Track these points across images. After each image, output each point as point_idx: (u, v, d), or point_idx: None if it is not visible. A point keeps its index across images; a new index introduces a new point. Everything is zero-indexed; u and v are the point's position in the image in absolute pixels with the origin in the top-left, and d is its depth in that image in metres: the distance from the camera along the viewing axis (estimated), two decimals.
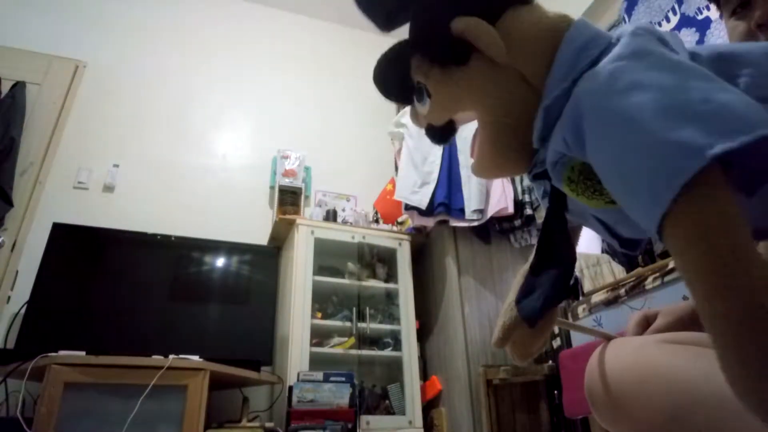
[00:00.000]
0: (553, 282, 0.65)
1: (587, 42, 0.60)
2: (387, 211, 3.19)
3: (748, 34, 0.83)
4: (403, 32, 0.75)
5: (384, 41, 0.78)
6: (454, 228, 2.77)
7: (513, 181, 2.67)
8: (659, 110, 0.46)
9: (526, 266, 0.86)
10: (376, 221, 3.21)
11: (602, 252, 2.07)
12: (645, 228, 0.48)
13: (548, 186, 0.69)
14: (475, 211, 2.62)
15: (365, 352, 2.63)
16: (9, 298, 2.44)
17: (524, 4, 0.66)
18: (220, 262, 2.71)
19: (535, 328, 0.80)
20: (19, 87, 2.80)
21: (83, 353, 1.85)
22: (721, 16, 0.93)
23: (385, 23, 0.73)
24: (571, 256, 0.68)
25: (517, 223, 2.68)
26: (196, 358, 2.00)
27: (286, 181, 3.23)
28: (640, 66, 0.51)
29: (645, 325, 0.90)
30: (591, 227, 0.73)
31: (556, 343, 2.20)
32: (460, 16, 0.65)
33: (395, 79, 0.75)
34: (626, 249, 0.71)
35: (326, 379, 2.21)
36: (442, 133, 0.75)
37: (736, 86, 0.53)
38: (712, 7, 1.95)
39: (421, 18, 0.70)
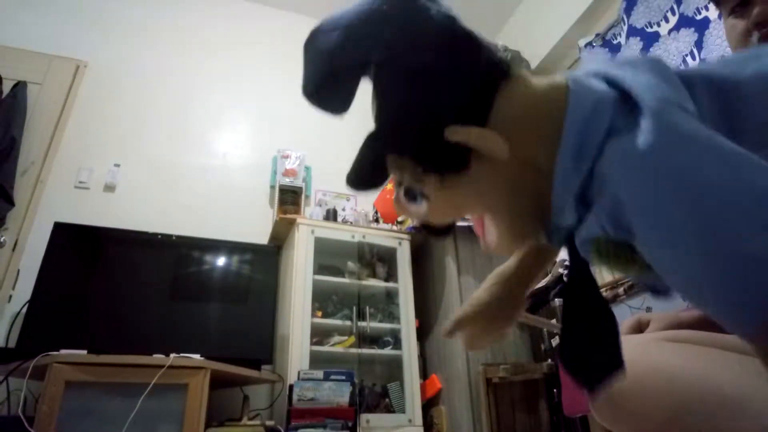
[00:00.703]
0: (606, 345, 0.60)
1: (593, 110, 0.55)
2: (387, 210, 3.20)
3: (746, 33, 0.82)
4: None
5: None
6: (454, 227, 2.77)
7: None
8: (738, 214, 0.43)
9: (501, 268, 0.87)
10: (376, 220, 3.21)
11: None
12: (729, 329, 0.46)
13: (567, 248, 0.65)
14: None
15: (365, 350, 2.63)
16: (10, 297, 2.45)
17: (508, 79, 0.59)
18: (221, 261, 2.71)
19: (492, 329, 0.85)
20: (20, 87, 2.81)
21: (84, 352, 1.86)
22: (720, 16, 0.93)
23: (340, 110, 0.65)
24: (610, 319, 0.61)
25: None
26: (196, 357, 2.01)
27: (287, 181, 3.24)
28: (686, 157, 0.47)
29: (638, 330, 0.91)
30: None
31: (556, 341, 2.20)
32: (451, 122, 0.57)
33: (375, 178, 0.68)
34: (660, 295, 0.68)
35: (326, 378, 2.21)
36: (441, 230, 0.70)
37: (747, 129, 0.52)
38: (711, 7, 1.96)
39: (404, 119, 0.61)
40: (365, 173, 0.66)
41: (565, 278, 2.05)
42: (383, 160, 0.63)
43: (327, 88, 0.62)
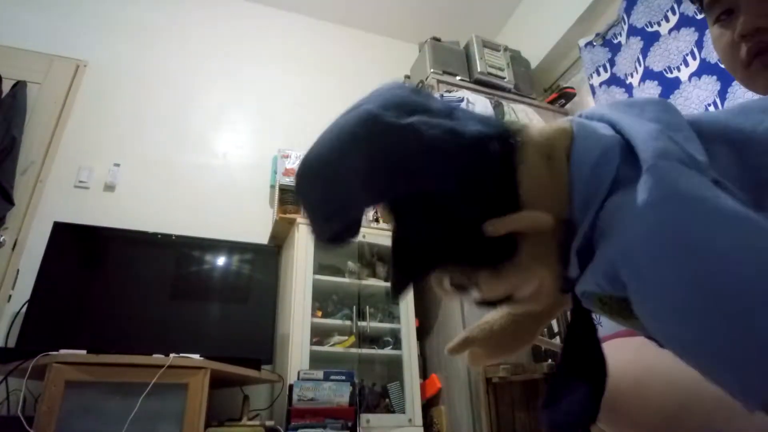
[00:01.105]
0: (585, 400, 0.58)
1: (597, 163, 0.54)
2: None
3: (731, 45, 0.79)
4: None
5: (383, 41, 0.75)
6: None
7: None
8: (746, 287, 0.41)
9: (493, 314, 0.86)
10: (376, 220, 3.21)
11: None
12: (737, 400, 0.44)
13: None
14: None
15: (365, 350, 2.63)
16: (10, 296, 2.45)
17: (520, 149, 0.56)
18: (221, 260, 2.71)
19: (496, 354, 0.85)
20: (20, 86, 2.81)
21: (84, 352, 1.85)
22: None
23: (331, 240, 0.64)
24: (603, 369, 0.60)
25: None
26: (196, 356, 2.01)
27: (287, 180, 3.23)
28: (689, 219, 0.45)
29: None
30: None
31: (556, 341, 2.20)
32: (486, 214, 0.54)
33: (417, 283, 0.66)
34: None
35: (326, 378, 2.21)
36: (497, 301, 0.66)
37: (755, 174, 0.50)
38: None
39: (439, 237, 0.57)
40: (408, 284, 0.64)
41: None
42: (425, 271, 0.61)
43: (338, 234, 0.62)
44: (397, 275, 0.61)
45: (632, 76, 2.38)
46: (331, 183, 0.57)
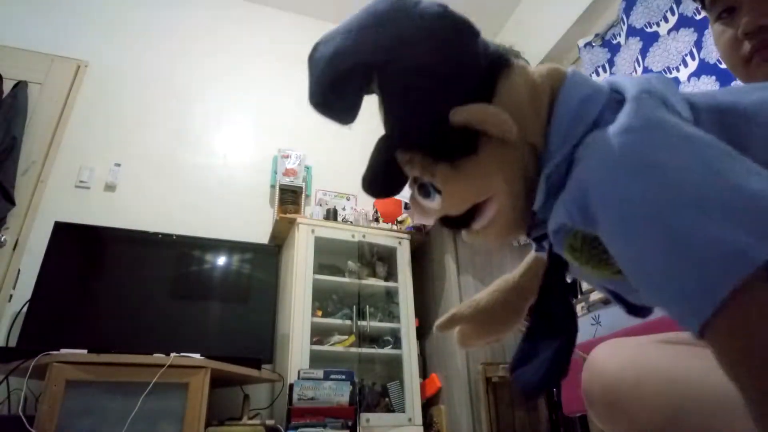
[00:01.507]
0: (553, 356, 0.60)
1: (583, 100, 0.57)
2: (387, 210, 3.20)
3: (734, 41, 0.80)
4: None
5: None
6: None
7: None
8: (686, 202, 0.43)
9: (506, 277, 0.89)
10: (376, 220, 3.22)
11: None
12: (680, 325, 0.45)
13: (546, 246, 0.65)
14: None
15: (365, 350, 2.64)
16: (11, 296, 2.45)
17: (508, 67, 0.60)
18: (221, 260, 2.72)
19: (485, 332, 0.89)
20: (20, 86, 2.81)
21: (85, 351, 1.86)
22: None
23: (348, 119, 0.67)
24: (573, 326, 0.62)
25: None
26: (197, 356, 2.01)
27: (287, 180, 3.24)
28: (654, 142, 0.48)
29: None
30: (596, 288, 0.68)
31: None
32: (455, 104, 0.57)
33: (391, 180, 0.65)
34: (636, 314, 0.67)
35: (326, 377, 2.22)
36: (462, 219, 0.66)
37: (750, 146, 0.51)
38: None
39: (410, 114, 0.61)
40: (380, 176, 0.65)
41: None
42: (396, 162, 0.63)
43: (333, 95, 0.63)
44: (373, 160, 0.63)
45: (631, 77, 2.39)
46: (345, 38, 0.61)
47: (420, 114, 0.60)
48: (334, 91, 0.62)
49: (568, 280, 0.67)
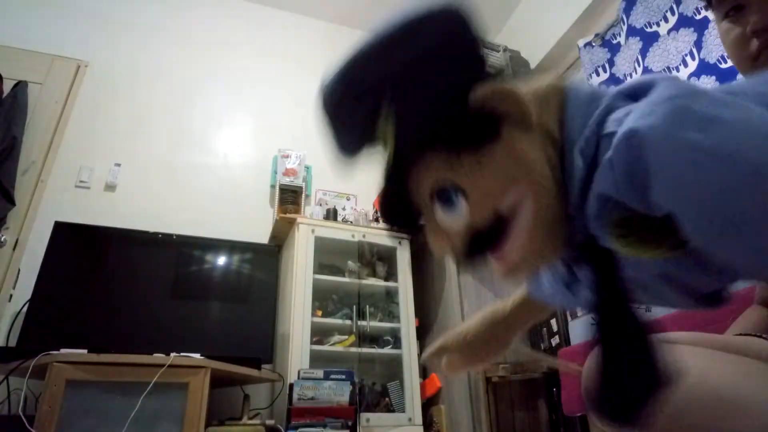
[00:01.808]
0: (637, 373, 0.52)
1: (592, 93, 0.56)
2: None
3: (742, 39, 0.81)
4: None
5: None
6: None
7: None
8: (759, 141, 0.42)
9: (495, 308, 0.87)
10: (376, 220, 3.22)
11: None
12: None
13: (587, 270, 0.59)
14: None
15: (365, 349, 2.64)
16: (11, 296, 2.45)
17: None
18: (221, 260, 2.72)
19: (471, 363, 0.89)
20: (20, 86, 2.81)
21: (85, 351, 1.86)
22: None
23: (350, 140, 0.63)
24: (646, 333, 0.53)
25: None
26: (197, 356, 2.01)
27: (287, 180, 3.24)
28: (703, 103, 0.45)
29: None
30: (654, 298, 0.61)
31: (555, 341, 2.21)
32: (470, 86, 0.55)
33: (403, 205, 0.62)
34: (705, 305, 0.61)
35: (326, 377, 2.22)
36: (491, 236, 0.58)
37: None
38: None
39: (427, 104, 0.57)
40: (395, 201, 0.62)
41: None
42: (407, 188, 0.60)
43: (345, 108, 0.62)
44: (386, 185, 0.60)
45: (631, 77, 2.38)
46: (356, 59, 0.61)
47: (438, 100, 0.56)
48: (345, 103, 0.61)
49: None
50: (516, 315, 0.86)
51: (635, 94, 0.53)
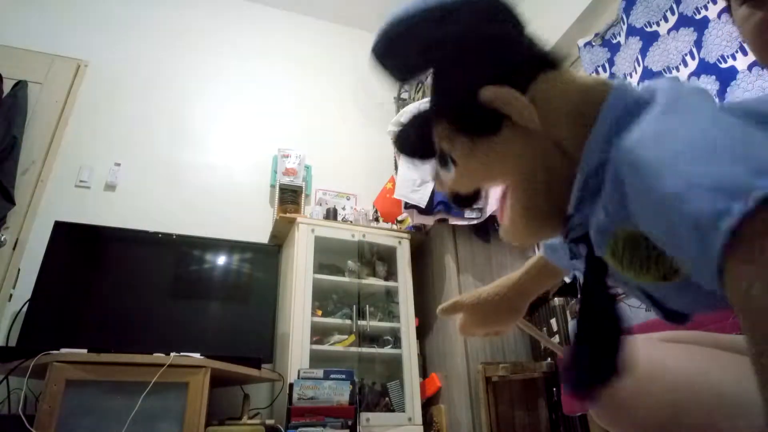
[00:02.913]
0: (600, 357, 0.59)
1: (629, 108, 0.57)
2: (387, 209, 3.20)
3: (764, 25, 0.73)
4: None
5: None
6: (454, 226, 2.78)
7: None
8: (694, 153, 0.44)
9: (509, 276, 0.94)
10: (376, 219, 3.22)
11: None
12: (706, 286, 0.44)
13: (584, 250, 0.65)
14: (474, 209, 2.63)
15: (365, 349, 2.64)
16: (11, 296, 2.45)
17: (554, 69, 0.64)
18: (221, 260, 2.72)
19: (484, 324, 0.94)
20: (21, 86, 2.81)
21: (85, 351, 1.86)
22: (725, 9, 0.88)
23: (402, 79, 0.73)
24: (619, 326, 0.60)
25: None
26: (197, 355, 2.01)
27: (287, 180, 3.24)
28: (671, 113, 0.50)
29: None
30: (634, 297, 0.69)
31: (556, 340, 2.21)
32: (488, 84, 0.61)
33: (418, 142, 0.72)
34: (672, 321, 0.66)
35: (326, 377, 2.22)
36: (467, 200, 0.72)
37: None
38: (711, 6, 1.96)
39: (446, 85, 0.67)
40: (411, 137, 0.72)
41: (568, 279, 2.06)
42: (429, 131, 0.68)
43: (393, 52, 0.69)
44: (411, 122, 0.72)
45: (631, 76, 2.38)
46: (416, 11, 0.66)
47: (455, 86, 0.65)
48: (394, 50, 0.68)
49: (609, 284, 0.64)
50: (527, 281, 0.92)
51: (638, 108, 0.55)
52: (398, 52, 0.68)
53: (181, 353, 1.98)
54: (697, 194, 0.41)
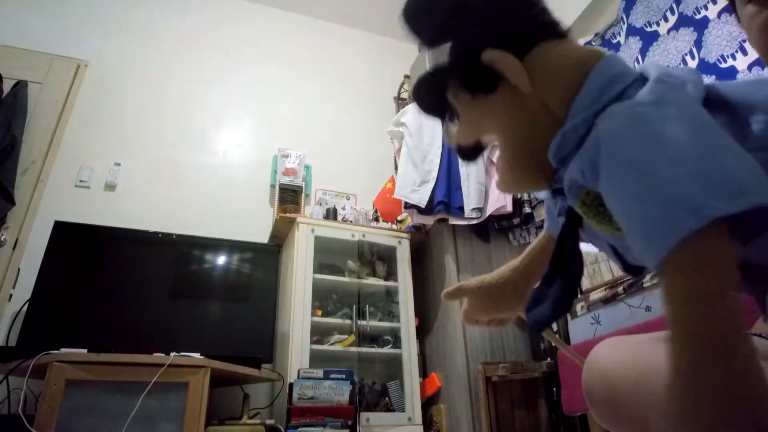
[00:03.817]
0: (560, 292, 0.71)
1: (614, 76, 0.64)
2: (387, 209, 3.20)
3: None
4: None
5: (383, 41, 0.80)
6: (453, 226, 2.78)
7: None
8: (667, 163, 0.49)
9: (511, 262, 0.99)
10: (376, 219, 3.22)
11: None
12: (647, 265, 0.52)
13: (564, 202, 0.73)
14: (474, 209, 2.63)
15: (365, 349, 2.64)
16: (11, 296, 2.45)
17: (557, 37, 0.71)
18: (221, 260, 2.72)
19: (489, 307, 0.97)
20: (21, 86, 2.81)
21: (85, 351, 1.86)
22: (727, 8, 0.87)
23: (429, 43, 0.77)
24: (579, 268, 0.71)
25: (516, 221, 2.69)
26: (197, 355, 2.01)
27: (287, 180, 3.24)
28: (659, 115, 0.54)
29: None
30: (600, 248, 0.76)
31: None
32: (492, 47, 0.69)
33: (431, 97, 0.80)
34: (630, 273, 0.74)
35: (326, 377, 2.22)
36: (469, 152, 0.81)
37: (750, 132, 0.57)
38: (711, 6, 1.96)
39: (456, 46, 0.74)
40: (424, 90, 0.80)
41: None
42: (443, 89, 0.76)
43: (421, 13, 0.74)
44: (425, 73, 0.78)
45: None
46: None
47: (463, 47, 0.73)
48: (422, 13, 0.74)
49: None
50: (530, 262, 0.96)
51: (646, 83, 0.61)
52: (426, 15, 0.74)
53: (181, 353, 1.98)
54: (659, 199, 0.48)
